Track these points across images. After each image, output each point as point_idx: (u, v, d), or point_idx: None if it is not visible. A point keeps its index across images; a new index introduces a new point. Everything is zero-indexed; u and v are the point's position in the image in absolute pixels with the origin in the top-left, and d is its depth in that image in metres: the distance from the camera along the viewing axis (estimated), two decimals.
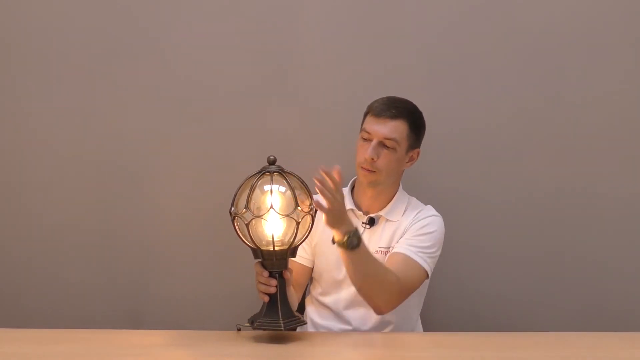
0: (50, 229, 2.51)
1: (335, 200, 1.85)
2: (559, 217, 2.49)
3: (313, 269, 2.21)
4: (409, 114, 2.11)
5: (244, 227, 1.82)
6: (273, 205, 1.79)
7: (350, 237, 1.88)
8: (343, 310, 2.14)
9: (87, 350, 1.78)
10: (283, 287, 1.85)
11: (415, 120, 2.13)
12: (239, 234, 1.85)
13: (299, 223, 1.81)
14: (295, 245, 1.84)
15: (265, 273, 1.83)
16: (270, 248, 1.82)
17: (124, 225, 2.51)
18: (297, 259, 2.09)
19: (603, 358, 1.79)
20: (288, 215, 1.80)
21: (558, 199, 2.49)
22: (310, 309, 2.24)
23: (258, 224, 1.81)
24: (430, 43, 2.46)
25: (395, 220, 2.14)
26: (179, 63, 2.47)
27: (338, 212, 1.87)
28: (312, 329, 2.20)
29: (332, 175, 1.84)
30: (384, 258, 2.10)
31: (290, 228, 1.82)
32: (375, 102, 2.14)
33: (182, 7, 2.45)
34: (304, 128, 2.48)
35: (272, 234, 1.81)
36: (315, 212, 1.86)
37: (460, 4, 2.45)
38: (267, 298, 1.84)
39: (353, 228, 1.89)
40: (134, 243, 2.51)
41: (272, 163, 1.84)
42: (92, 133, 2.49)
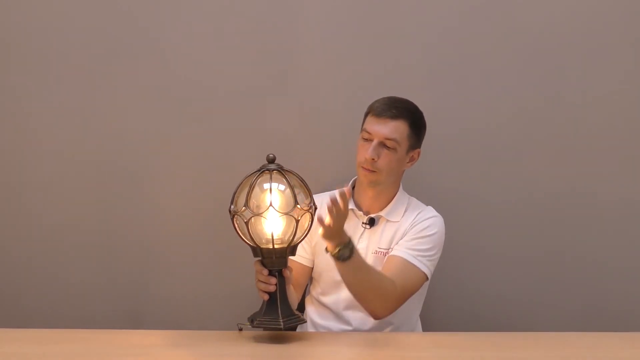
0: (50, 229, 2.51)
1: (338, 222, 1.84)
2: (559, 217, 2.49)
3: (313, 269, 2.21)
4: (410, 114, 2.11)
5: (244, 225, 1.82)
6: (272, 204, 1.79)
7: (342, 249, 1.88)
8: (343, 311, 2.14)
9: (87, 350, 1.78)
10: (283, 285, 1.84)
11: (416, 121, 2.13)
12: (239, 233, 1.85)
13: (299, 221, 1.81)
14: (295, 244, 1.84)
15: (265, 271, 1.83)
16: (270, 246, 1.82)
17: (124, 225, 2.51)
18: (296, 259, 2.10)
19: (603, 358, 1.79)
20: (287, 214, 1.80)
21: (558, 199, 2.49)
22: (310, 309, 2.24)
23: (257, 222, 1.81)
24: (430, 43, 2.46)
25: (396, 221, 2.14)
26: (179, 63, 2.47)
27: (336, 229, 1.86)
28: (312, 329, 2.19)
29: (345, 198, 1.83)
30: (384, 259, 2.10)
31: (290, 226, 1.81)
32: (376, 102, 2.14)
33: (182, 7, 2.45)
34: (304, 128, 2.48)
35: (271, 232, 1.81)
36: (315, 210, 1.86)
37: (460, 4, 2.45)
38: (266, 296, 1.84)
39: (346, 240, 1.88)
40: (134, 243, 2.51)
41: (271, 161, 1.84)
42: (92, 133, 2.49)
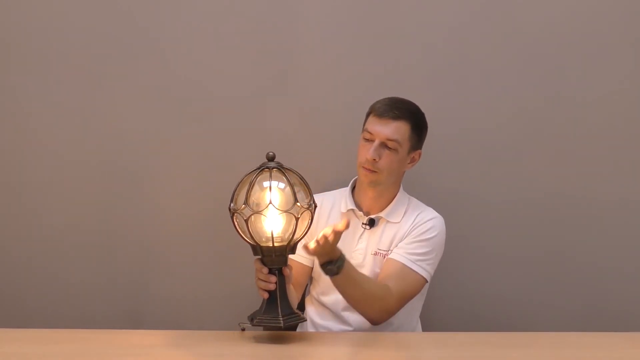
0: (50, 229, 2.51)
1: (324, 249, 1.84)
2: (559, 217, 2.49)
3: (313, 268, 2.20)
4: (412, 115, 2.11)
5: (243, 223, 1.81)
6: (272, 201, 1.79)
7: (329, 265, 1.88)
8: (342, 311, 2.14)
9: (87, 350, 1.78)
10: (282, 283, 1.84)
11: (418, 122, 2.13)
12: (238, 231, 1.84)
13: (298, 219, 1.80)
14: (295, 242, 1.84)
15: (265, 270, 1.83)
16: (270, 244, 1.81)
17: (124, 225, 2.51)
18: (296, 258, 2.10)
19: (603, 358, 1.79)
20: (287, 211, 1.79)
21: (558, 199, 2.49)
22: (310, 309, 2.23)
23: (257, 220, 1.81)
24: (430, 43, 2.46)
25: (396, 222, 2.13)
26: (179, 63, 2.47)
27: (326, 251, 1.86)
28: (312, 329, 2.19)
29: (337, 233, 1.82)
30: (383, 260, 2.11)
31: (290, 224, 1.81)
32: (378, 102, 2.14)
33: (182, 7, 2.46)
34: (304, 128, 2.48)
35: (271, 230, 1.80)
36: (315, 208, 1.86)
37: (460, 4, 2.45)
38: (266, 295, 1.83)
39: (335, 257, 1.88)
40: (134, 243, 2.51)
41: (271, 159, 1.84)
42: (92, 133, 2.49)
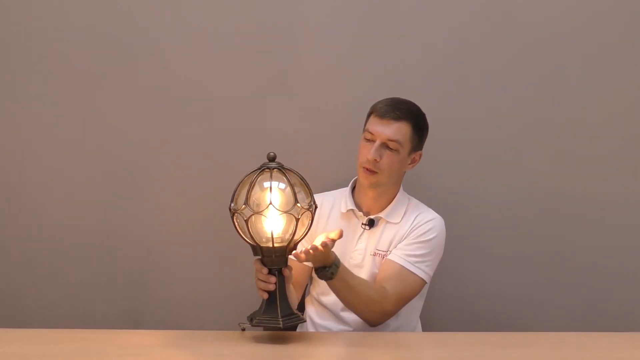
0: (50, 229, 2.51)
1: (315, 258, 1.85)
2: (559, 217, 2.49)
3: (312, 269, 2.20)
4: (413, 116, 2.11)
5: (244, 223, 1.81)
6: (272, 202, 1.79)
7: (322, 271, 1.89)
8: (341, 312, 2.13)
9: (87, 350, 1.77)
10: (282, 284, 1.84)
11: (419, 122, 2.13)
12: (239, 231, 1.84)
13: (299, 220, 1.80)
14: (295, 243, 1.84)
15: (265, 270, 1.82)
16: (270, 245, 1.81)
17: (124, 225, 2.51)
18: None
19: (603, 358, 1.79)
20: (287, 212, 1.79)
21: (558, 199, 2.49)
22: (310, 309, 2.23)
23: (257, 221, 1.81)
24: (430, 43, 2.46)
25: (395, 223, 2.13)
26: (179, 63, 2.47)
27: (319, 259, 1.87)
28: (311, 329, 2.19)
29: (327, 246, 1.83)
30: (382, 260, 2.11)
31: (290, 225, 1.81)
32: (379, 102, 2.14)
33: (182, 7, 2.45)
34: (304, 128, 2.48)
35: (271, 231, 1.80)
36: (315, 209, 1.86)
37: (460, 4, 2.45)
38: (266, 295, 1.83)
39: (329, 263, 1.89)
40: (134, 243, 2.51)
41: (272, 160, 1.83)
42: (92, 133, 2.49)
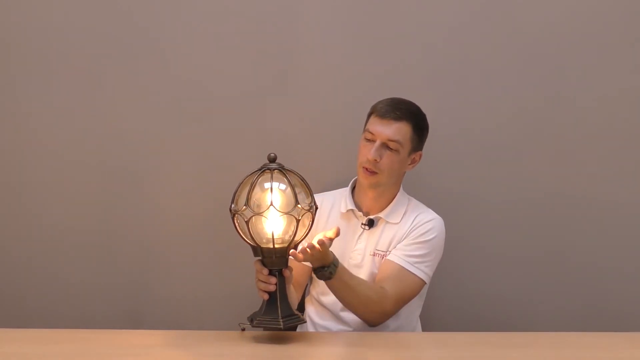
0: (50, 229, 2.51)
1: (313, 257, 1.85)
2: (559, 217, 2.49)
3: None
4: (413, 116, 2.12)
5: (244, 224, 1.81)
6: (273, 203, 1.79)
7: (321, 271, 1.89)
8: (340, 312, 2.13)
9: (87, 350, 1.78)
10: (283, 285, 1.84)
11: (419, 123, 2.13)
12: (239, 232, 1.84)
13: (299, 221, 1.80)
14: (296, 244, 1.84)
15: (265, 271, 1.83)
16: (270, 246, 1.81)
17: (124, 225, 2.51)
18: None
19: (603, 358, 1.79)
20: (288, 213, 1.79)
21: (558, 199, 2.49)
22: (310, 309, 2.24)
23: (258, 222, 1.81)
24: (430, 43, 2.46)
25: (395, 223, 2.14)
26: (179, 63, 2.47)
27: (317, 258, 1.87)
28: (311, 329, 2.19)
29: (324, 245, 1.83)
30: (381, 261, 2.11)
31: (290, 226, 1.81)
32: (380, 103, 2.14)
33: (182, 7, 2.45)
34: (304, 128, 2.48)
35: (272, 232, 1.80)
36: (316, 210, 1.86)
37: (460, 4, 2.45)
38: (266, 296, 1.83)
39: (328, 263, 1.88)
40: (134, 243, 2.51)
41: (272, 161, 1.83)
42: (92, 133, 2.49)
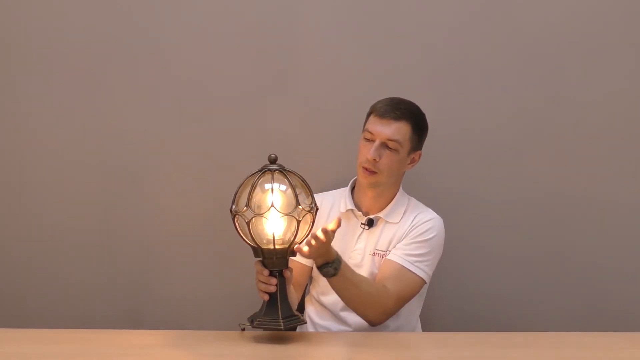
0: (50, 229, 2.51)
1: (317, 251, 1.84)
2: (559, 217, 2.49)
3: (312, 268, 2.20)
4: (413, 116, 2.12)
5: (245, 225, 1.81)
6: (274, 204, 1.79)
7: (326, 267, 1.89)
8: (340, 312, 2.14)
9: (87, 350, 1.78)
10: (283, 286, 1.84)
11: (418, 122, 2.13)
12: (240, 233, 1.85)
13: (300, 222, 1.81)
14: (296, 244, 1.83)
15: (266, 272, 1.83)
16: (271, 247, 1.81)
17: (124, 225, 2.51)
18: (296, 258, 2.08)
19: (603, 358, 1.79)
20: (289, 214, 1.80)
21: (558, 199, 2.49)
22: (310, 309, 2.24)
23: (259, 223, 1.81)
24: (430, 43, 2.46)
25: (395, 222, 2.14)
26: (179, 63, 2.47)
27: (321, 252, 1.87)
28: (311, 329, 2.19)
29: (328, 233, 1.82)
30: (381, 260, 2.11)
31: (291, 227, 1.81)
32: (379, 102, 2.14)
33: (182, 7, 2.45)
34: (304, 128, 2.48)
35: (272, 233, 1.80)
36: (316, 211, 1.86)
37: (460, 4, 2.45)
38: (267, 297, 1.83)
39: (332, 258, 1.89)
40: (134, 243, 2.51)
41: (273, 161, 1.84)
42: (92, 133, 2.49)
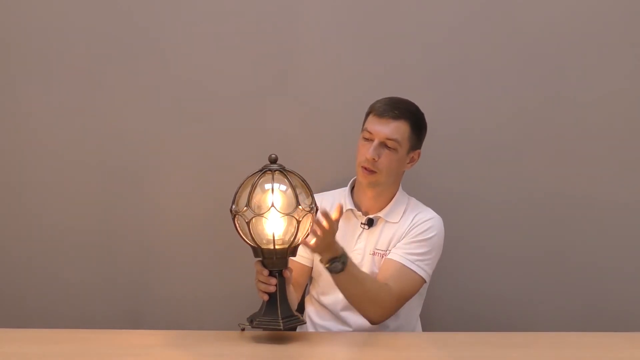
0: (50, 229, 2.51)
1: (326, 238, 1.84)
2: (559, 217, 2.49)
3: (312, 268, 2.20)
4: (411, 115, 2.12)
5: (245, 225, 1.81)
6: (274, 204, 1.79)
7: (333, 262, 1.89)
8: (340, 312, 2.14)
9: (87, 350, 1.78)
10: (283, 286, 1.84)
11: (417, 122, 2.13)
12: (240, 232, 1.85)
13: (300, 222, 1.80)
14: (296, 244, 1.84)
15: (265, 272, 1.83)
16: (271, 247, 1.81)
17: (124, 225, 2.51)
18: (296, 258, 2.09)
19: (603, 358, 1.79)
20: (289, 214, 1.80)
21: (558, 199, 2.49)
22: (310, 309, 2.24)
23: (259, 223, 1.81)
24: (430, 43, 2.46)
25: (394, 222, 2.14)
26: (179, 63, 2.47)
27: (326, 244, 1.87)
28: (311, 329, 2.19)
29: (329, 218, 1.82)
30: (382, 260, 2.11)
31: (291, 227, 1.81)
32: (378, 102, 2.14)
33: (182, 7, 2.45)
34: (304, 128, 2.48)
35: (272, 233, 1.80)
36: (316, 211, 1.86)
37: (460, 4, 2.45)
38: (266, 297, 1.83)
39: (338, 253, 1.89)
40: (134, 243, 2.51)
41: (273, 162, 1.84)
42: (92, 133, 2.49)
